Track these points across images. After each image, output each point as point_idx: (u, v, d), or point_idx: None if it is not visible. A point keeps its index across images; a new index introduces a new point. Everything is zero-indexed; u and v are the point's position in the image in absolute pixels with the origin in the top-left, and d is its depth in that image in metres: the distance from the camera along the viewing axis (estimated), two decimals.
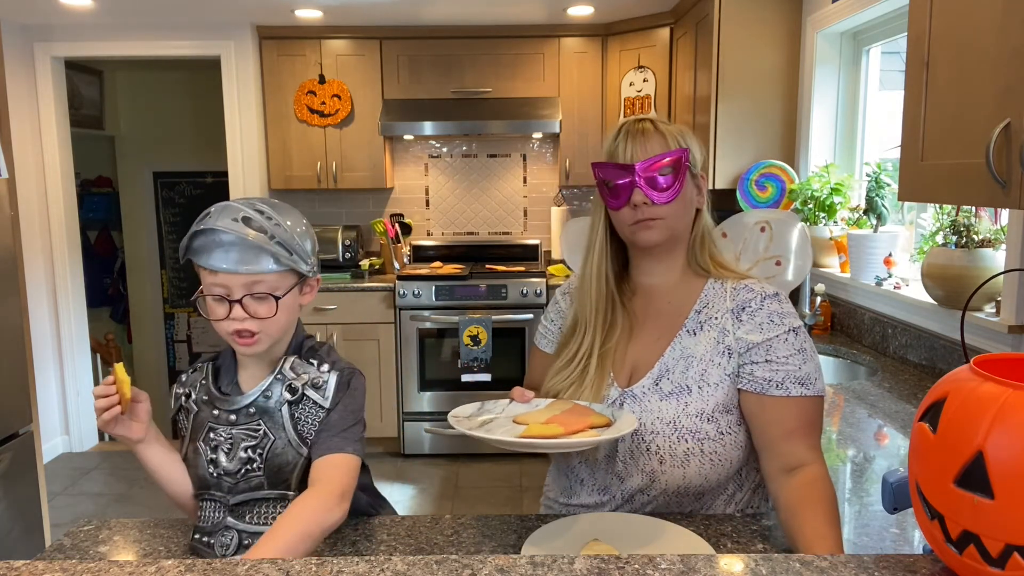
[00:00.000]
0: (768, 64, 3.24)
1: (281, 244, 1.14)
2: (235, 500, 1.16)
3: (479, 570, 0.84)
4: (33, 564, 0.88)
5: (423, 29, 4.20)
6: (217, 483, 1.17)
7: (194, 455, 1.19)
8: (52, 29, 4.13)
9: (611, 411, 1.20)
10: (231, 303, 1.13)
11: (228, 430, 1.17)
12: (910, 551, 1.13)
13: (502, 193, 4.72)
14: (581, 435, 1.10)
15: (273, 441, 1.15)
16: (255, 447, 1.15)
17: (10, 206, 2.52)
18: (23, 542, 2.54)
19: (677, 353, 1.25)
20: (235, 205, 1.14)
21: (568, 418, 1.16)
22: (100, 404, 1.13)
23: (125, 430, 1.17)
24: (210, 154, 5.42)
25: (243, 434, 1.16)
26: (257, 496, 1.16)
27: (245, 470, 1.15)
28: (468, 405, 1.25)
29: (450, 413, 1.20)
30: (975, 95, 1.25)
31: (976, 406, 0.75)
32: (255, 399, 1.17)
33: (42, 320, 4.28)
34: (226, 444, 1.16)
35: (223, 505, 1.16)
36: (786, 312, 1.22)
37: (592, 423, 1.14)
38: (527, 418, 1.19)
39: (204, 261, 1.12)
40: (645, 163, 1.21)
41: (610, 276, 1.31)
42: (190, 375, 1.25)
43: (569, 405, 1.22)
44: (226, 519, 1.15)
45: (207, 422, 1.18)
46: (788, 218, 2.78)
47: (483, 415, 1.23)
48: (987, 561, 0.75)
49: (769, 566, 0.85)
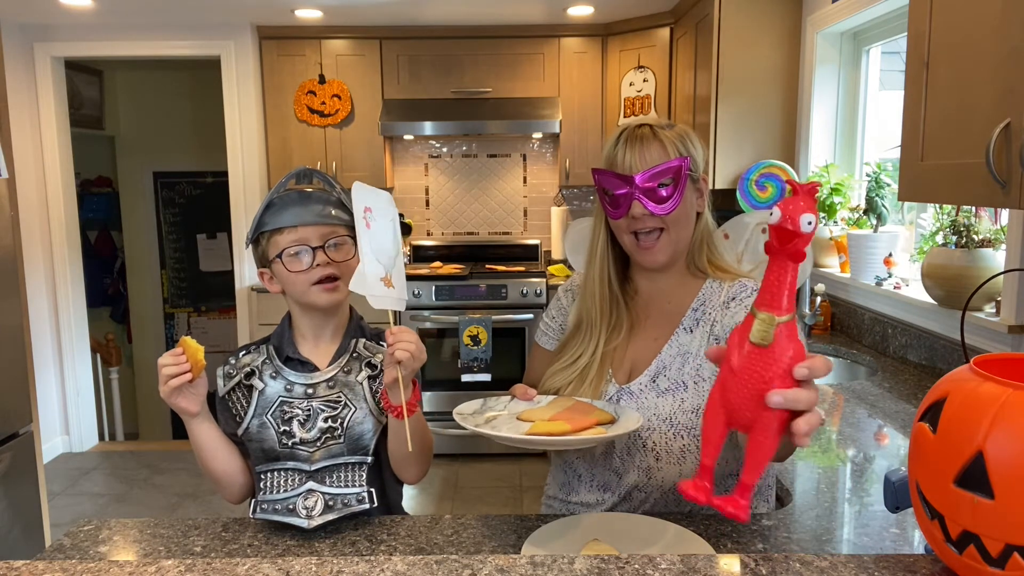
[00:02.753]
0: (768, 64, 3.24)
1: (341, 203, 1.28)
2: (315, 467, 1.22)
3: (479, 570, 0.84)
4: (33, 564, 0.88)
5: (423, 29, 4.20)
6: (291, 453, 1.22)
7: (260, 429, 1.24)
8: (52, 29, 4.13)
9: (613, 407, 1.20)
10: (314, 251, 1.24)
11: (304, 403, 1.24)
12: (910, 551, 1.13)
13: (502, 193, 4.73)
14: (588, 432, 1.10)
15: (353, 412, 1.25)
16: (335, 417, 1.24)
17: (10, 206, 2.52)
18: (23, 542, 2.54)
19: (674, 350, 1.25)
20: (303, 170, 1.28)
21: (573, 415, 1.16)
22: (170, 371, 1.16)
23: (187, 402, 1.21)
24: (210, 154, 5.42)
25: (321, 405, 1.24)
26: (337, 462, 1.23)
27: (324, 438, 1.23)
28: (471, 402, 1.25)
29: (455, 410, 1.20)
30: (975, 95, 1.25)
31: (976, 406, 0.75)
32: (335, 374, 1.26)
33: (42, 320, 4.28)
34: (302, 415, 1.23)
35: (302, 472, 1.21)
36: None
37: (597, 419, 1.14)
38: (530, 415, 1.19)
39: (283, 221, 1.24)
40: (644, 175, 1.20)
41: (613, 280, 1.32)
42: (243, 357, 1.30)
43: (571, 402, 1.22)
44: (307, 483, 1.20)
45: (278, 396, 1.25)
46: None
47: (486, 412, 1.23)
48: (987, 561, 0.75)
49: (769, 566, 0.85)
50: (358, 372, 1.27)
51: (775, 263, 0.78)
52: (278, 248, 1.25)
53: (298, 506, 1.18)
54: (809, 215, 0.75)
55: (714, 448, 0.83)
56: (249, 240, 1.30)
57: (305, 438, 1.22)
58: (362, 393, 1.26)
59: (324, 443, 1.22)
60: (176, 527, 1.21)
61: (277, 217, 1.25)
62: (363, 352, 1.29)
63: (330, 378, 1.26)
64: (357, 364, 1.28)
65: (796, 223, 0.75)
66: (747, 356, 0.79)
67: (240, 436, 1.26)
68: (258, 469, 1.24)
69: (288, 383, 1.25)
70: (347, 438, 1.23)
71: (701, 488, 0.83)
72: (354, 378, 1.27)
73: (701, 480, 0.84)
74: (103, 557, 1.12)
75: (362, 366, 1.28)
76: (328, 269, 1.24)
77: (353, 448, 1.24)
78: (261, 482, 1.23)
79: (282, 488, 1.21)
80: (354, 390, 1.26)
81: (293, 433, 1.22)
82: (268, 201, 1.26)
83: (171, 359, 1.16)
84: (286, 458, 1.22)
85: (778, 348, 0.78)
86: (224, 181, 4.39)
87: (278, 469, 1.22)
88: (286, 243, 1.25)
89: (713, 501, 0.82)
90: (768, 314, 0.78)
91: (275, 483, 1.22)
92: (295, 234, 1.24)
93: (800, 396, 0.78)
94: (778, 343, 0.78)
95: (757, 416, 0.79)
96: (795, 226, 0.75)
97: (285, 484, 1.21)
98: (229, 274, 4.86)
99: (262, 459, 1.24)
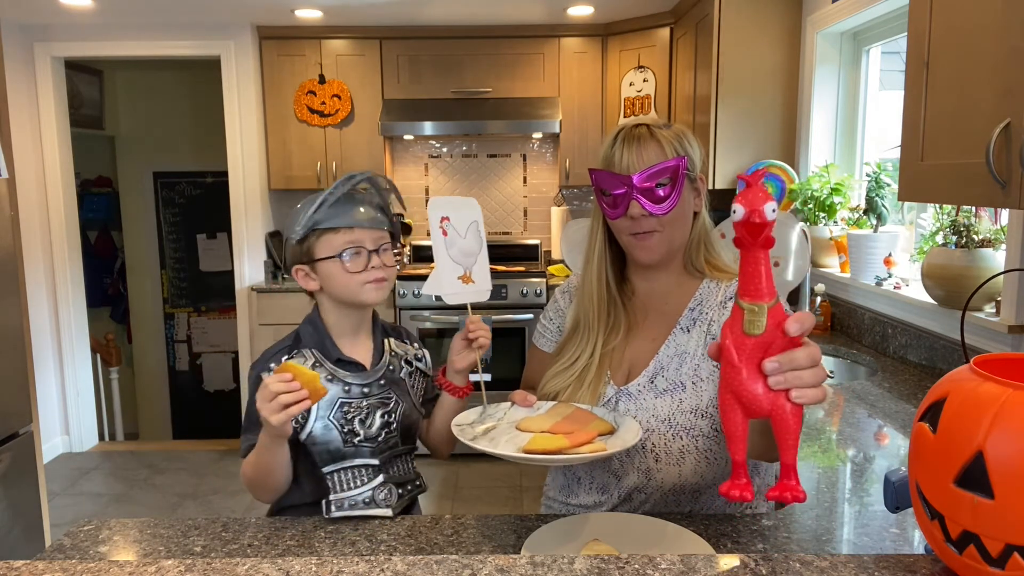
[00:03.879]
0: (768, 64, 3.24)
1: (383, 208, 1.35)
2: (381, 460, 1.29)
3: (479, 570, 0.85)
4: (33, 564, 0.88)
5: (423, 29, 4.20)
6: (356, 451, 1.28)
7: (324, 431, 1.27)
8: (52, 29, 4.13)
9: (612, 416, 1.20)
10: (369, 255, 1.30)
11: (361, 402, 1.30)
12: (910, 551, 1.13)
13: (502, 193, 4.72)
14: (586, 448, 1.09)
15: (403, 406, 1.34)
16: (389, 412, 1.32)
17: (10, 206, 2.52)
18: (23, 542, 2.54)
19: (671, 351, 1.25)
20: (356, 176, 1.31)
21: (571, 425, 1.15)
22: (287, 398, 1.11)
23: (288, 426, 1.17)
24: (210, 154, 5.42)
25: (377, 402, 1.31)
26: (395, 452, 1.33)
27: (384, 434, 1.31)
28: (470, 411, 1.25)
29: (452, 422, 1.21)
30: (975, 95, 1.25)
31: (976, 406, 0.75)
32: (383, 372, 1.34)
33: (42, 320, 4.28)
34: (362, 413, 1.29)
35: (371, 467, 1.28)
36: None
37: (597, 431, 1.14)
38: (530, 425, 1.19)
39: (341, 222, 1.28)
40: (642, 175, 1.20)
41: (611, 281, 1.32)
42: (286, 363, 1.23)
43: (571, 409, 1.21)
44: (378, 476, 1.27)
45: (337, 398, 1.29)
46: (785, 219, 2.78)
47: (485, 421, 1.23)
48: (987, 561, 0.75)
49: (769, 566, 0.85)
50: (401, 370, 1.38)
51: (748, 255, 0.80)
52: (332, 247, 1.28)
53: (377, 498, 1.25)
54: (771, 203, 0.78)
55: (741, 442, 0.84)
56: (299, 236, 1.30)
57: (369, 434, 1.29)
58: (406, 388, 1.37)
59: (384, 438, 1.31)
60: (176, 527, 1.21)
61: (334, 217, 1.28)
62: (397, 350, 1.39)
63: (381, 376, 1.33)
64: (398, 362, 1.38)
65: (762, 215, 0.77)
66: (744, 347, 0.81)
67: (302, 440, 1.27)
68: (325, 471, 1.27)
69: (345, 384, 1.30)
70: (400, 430, 1.33)
71: (745, 487, 0.84)
72: (400, 375, 1.37)
73: (738, 479, 0.85)
74: (103, 557, 1.12)
75: (402, 363, 1.39)
76: (381, 271, 1.31)
77: (405, 439, 1.35)
78: (331, 482, 1.26)
79: (355, 484, 1.26)
80: (400, 386, 1.36)
81: (357, 432, 1.28)
82: (322, 199, 1.28)
83: (283, 385, 1.12)
84: (352, 456, 1.27)
85: (770, 333, 0.80)
86: (224, 181, 4.39)
87: (347, 468, 1.27)
88: (342, 243, 1.28)
89: (770, 495, 0.83)
90: (754, 303, 0.80)
91: (347, 481, 1.26)
92: (351, 235, 1.29)
93: (795, 355, 0.80)
94: (770, 328, 0.80)
95: (772, 400, 0.81)
96: (762, 218, 0.77)
97: (357, 480, 1.27)
98: (229, 274, 4.86)
99: (328, 460, 1.27)
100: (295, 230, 1.31)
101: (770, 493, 0.83)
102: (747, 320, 0.80)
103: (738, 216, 0.78)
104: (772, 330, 0.80)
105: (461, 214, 1.30)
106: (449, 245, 1.27)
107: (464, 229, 1.30)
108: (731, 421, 0.84)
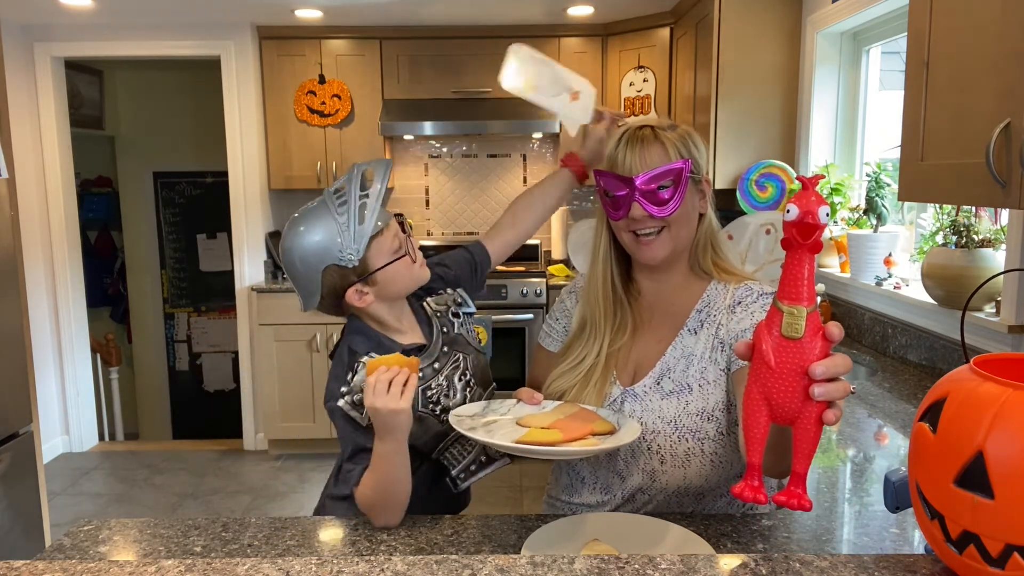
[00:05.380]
0: (768, 64, 3.24)
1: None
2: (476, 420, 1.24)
3: (479, 570, 0.85)
4: (33, 564, 0.88)
5: (423, 29, 4.20)
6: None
7: (419, 425, 1.24)
8: (52, 29, 4.13)
9: (616, 418, 1.20)
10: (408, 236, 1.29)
11: (437, 378, 1.28)
12: (910, 551, 1.13)
13: (502, 193, 4.72)
14: (580, 443, 1.10)
15: (470, 359, 1.34)
16: (462, 372, 1.31)
17: (10, 206, 2.52)
18: (23, 542, 2.54)
19: (678, 352, 1.25)
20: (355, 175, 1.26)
21: (570, 423, 1.15)
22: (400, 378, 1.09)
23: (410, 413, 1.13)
24: (210, 154, 5.42)
25: (450, 370, 1.30)
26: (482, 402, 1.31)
27: (467, 394, 1.30)
28: (473, 404, 1.25)
29: (452, 411, 1.20)
30: (975, 95, 1.25)
31: (976, 406, 0.75)
32: (441, 340, 1.32)
33: (42, 320, 4.28)
34: (443, 389, 1.27)
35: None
36: None
37: (593, 430, 1.14)
38: (531, 421, 1.19)
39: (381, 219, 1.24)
40: (645, 177, 1.20)
41: (616, 281, 1.31)
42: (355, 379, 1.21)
43: (575, 409, 1.21)
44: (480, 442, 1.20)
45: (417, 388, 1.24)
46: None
47: (488, 415, 1.23)
48: (987, 561, 0.75)
49: (769, 566, 0.85)
50: (452, 325, 1.36)
51: (794, 256, 0.80)
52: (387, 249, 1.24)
53: (490, 453, 1.26)
54: (825, 206, 0.78)
55: (759, 445, 0.84)
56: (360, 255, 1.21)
57: (456, 403, 1.27)
58: (466, 339, 1.37)
59: (469, 397, 1.30)
60: (176, 527, 1.21)
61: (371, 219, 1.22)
62: (438, 307, 1.37)
63: (442, 344, 1.32)
64: (447, 319, 1.36)
65: (816, 216, 0.77)
66: (781, 350, 0.81)
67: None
68: (435, 455, 1.28)
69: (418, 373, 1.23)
70: (478, 381, 1.34)
71: (758, 490, 0.85)
72: (455, 332, 1.36)
73: (752, 480, 0.85)
74: (103, 557, 1.12)
75: (449, 316, 1.37)
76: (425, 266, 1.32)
77: (483, 383, 1.35)
78: (446, 462, 1.27)
79: (466, 452, 1.27)
80: (459, 341, 1.35)
81: (447, 407, 1.26)
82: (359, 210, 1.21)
83: (388, 374, 1.09)
84: (451, 430, 1.25)
85: (808, 338, 0.80)
86: (224, 181, 4.39)
87: (452, 442, 1.27)
88: (391, 240, 1.25)
89: (777, 499, 0.84)
90: (796, 306, 0.80)
91: (458, 453, 1.27)
92: (392, 227, 1.27)
93: (839, 387, 0.81)
94: (808, 333, 0.80)
95: (801, 408, 0.81)
96: (815, 219, 0.77)
97: (466, 448, 1.28)
98: (229, 274, 4.85)
99: (433, 445, 1.27)
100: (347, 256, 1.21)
101: (776, 497, 0.84)
102: (786, 323, 0.80)
103: (791, 216, 0.78)
104: (810, 336, 0.80)
105: (543, 80, 1.49)
106: (540, 94, 1.45)
107: (548, 75, 1.48)
108: (755, 422, 0.84)
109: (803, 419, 0.82)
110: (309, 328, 4.11)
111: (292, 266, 1.25)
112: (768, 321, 0.82)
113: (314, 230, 1.21)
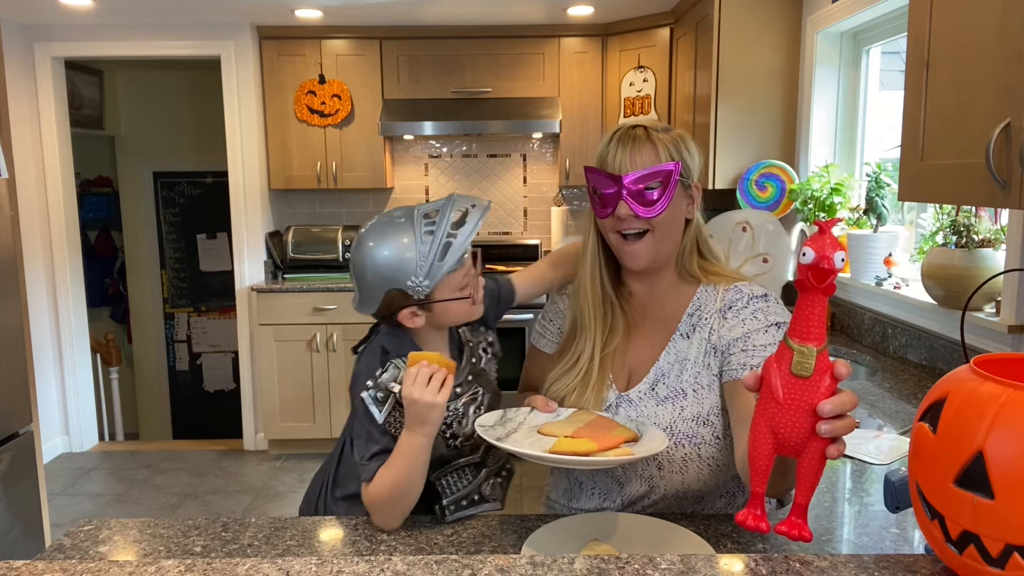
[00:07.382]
0: (768, 64, 3.23)
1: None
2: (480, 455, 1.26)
3: (479, 570, 0.85)
4: (33, 564, 0.88)
5: (423, 29, 4.20)
6: (459, 451, 1.25)
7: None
8: (52, 29, 4.13)
9: (635, 424, 1.19)
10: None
11: (455, 403, 1.26)
12: (910, 551, 1.13)
13: (502, 193, 4.72)
14: (615, 451, 1.09)
15: (488, 396, 1.31)
16: (479, 406, 1.29)
17: (10, 206, 2.52)
18: (23, 542, 2.54)
19: (672, 357, 1.24)
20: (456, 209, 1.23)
21: (595, 432, 1.14)
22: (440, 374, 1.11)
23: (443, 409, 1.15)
24: (210, 154, 5.42)
25: (468, 398, 1.28)
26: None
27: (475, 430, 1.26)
28: (491, 414, 1.23)
29: (476, 423, 1.18)
30: (975, 95, 1.25)
31: (976, 406, 0.75)
32: (468, 368, 1.31)
33: (42, 320, 4.28)
34: (458, 415, 1.26)
35: (473, 464, 1.25)
36: (772, 310, 1.21)
37: (624, 437, 1.13)
38: (552, 429, 1.18)
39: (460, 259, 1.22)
40: (633, 176, 1.19)
41: (606, 281, 1.30)
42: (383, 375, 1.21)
43: (592, 416, 1.21)
44: (482, 471, 1.25)
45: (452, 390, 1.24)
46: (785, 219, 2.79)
47: (506, 425, 1.22)
48: (987, 561, 0.75)
49: (769, 566, 0.85)
50: (481, 359, 1.35)
51: (807, 298, 0.82)
52: (455, 285, 1.22)
53: (483, 492, 1.24)
54: (841, 251, 0.80)
55: (764, 475, 0.87)
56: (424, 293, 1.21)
57: (465, 433, 1.26)
58: (488, 376, 1.35)
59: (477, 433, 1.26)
60: (176, 527, 1.21)
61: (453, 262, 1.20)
62: (471, 339, 1.35)
63: (468, 372, 1.30)
64: (477, 351, 1.35)
65: (831, 262, 0.79)
66: (790, 387, 0.83)
67: None
68: (432, 478, 1.21)
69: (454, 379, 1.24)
70: None
71: (760, 518, 0.87)
72: (481, 366, 1.34)
73: (755, 508, 0.87)
74: (103, 557, 1.12)
75: (480, 351, 1.35)
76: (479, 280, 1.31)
77: None
78: (440, 488, 1.22)
79: (462, 484, 1.24)
80: (483, 376, 1.34)
81: (457, 434, 1.25)
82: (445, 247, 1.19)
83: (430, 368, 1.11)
84: (455, 457, 1.25)
85: (817, 376, 0.82)
86: (224, 181, 4.39)
87: (452, 470, 1.24)
88: (460, 279, 1.23)
89: (778, 529, 0.86)
90: (807, 346, 0.82)
91: (455, 483, 1.24)
92: (464, 267, 1.24)
93: (845, 424, 0.83)
94: (817, 371, 0.82)
95: (807, 443, 0.84)
96: (831, 265, 0.79)
97: (463, 479, 1.25)
98: (229, 274, 4.86)
99: (435, 467, 1.21)
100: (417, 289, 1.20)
101: (778, 528, 0.86)
102: (796, 361, 0.82)
103: (807, 260, 0.80)
104: (819, 374, 0.82)
105: None
106: None
107: None
108: (760, 454, 0.86)
109: (808, 453, 0.84)
110: (309, 328, 4.11)
111: (363, 274, 1.24)
112: (778, 357, 0.84)
113: (393, 249, 1.20)
